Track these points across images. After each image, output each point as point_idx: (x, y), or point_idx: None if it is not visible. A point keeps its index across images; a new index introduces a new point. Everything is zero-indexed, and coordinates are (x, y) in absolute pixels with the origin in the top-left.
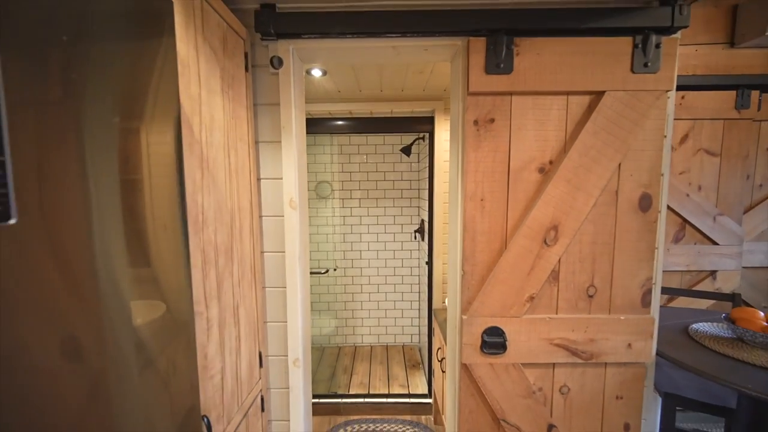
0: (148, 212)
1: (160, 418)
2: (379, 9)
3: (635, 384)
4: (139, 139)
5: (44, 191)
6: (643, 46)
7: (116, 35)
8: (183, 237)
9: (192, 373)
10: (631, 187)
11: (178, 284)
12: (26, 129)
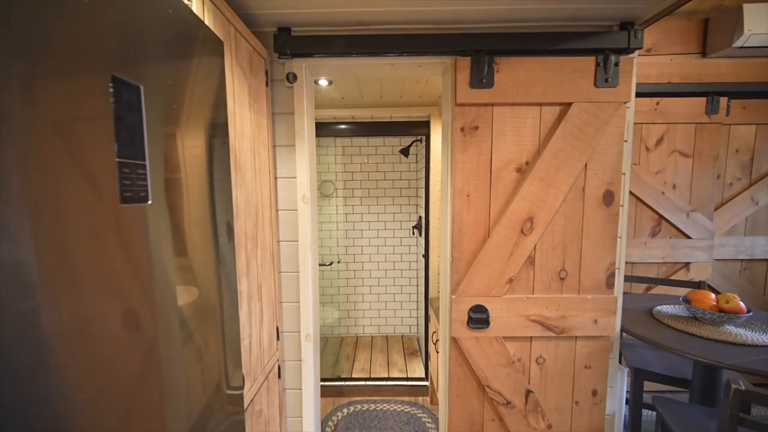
0: (185, 208)
1: (196, 385)
2: (379, 33)
3: (601, 355)
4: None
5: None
6: (604, 64)
7: (176, 63)
8: (212, 232)
9: (223, 349)
10: (595, 184)
11: (208, 273)
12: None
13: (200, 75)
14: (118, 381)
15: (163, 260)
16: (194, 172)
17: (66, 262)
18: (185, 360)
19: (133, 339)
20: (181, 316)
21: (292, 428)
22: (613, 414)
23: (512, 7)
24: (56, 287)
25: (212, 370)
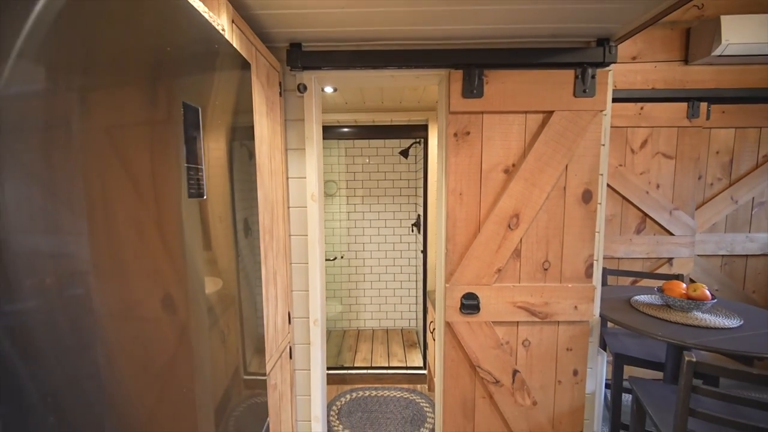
0: (210, 205)
1: (220, 365)
2: (381, 48)
3: (581, 338)
4: (200, 147)
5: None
6: (582, 76)
7: (220, 86)
8: (233, 228)
9: (242, 336)
10: (575, 184)
11: (229, 267)
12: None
13: (234, 93)
14: (157, 356)
15: (194, 253)
16: (219, 173)
17: (144, 247)
18: (212, 343)
19: (168, 319)
20: (208, 303)
21: (302, 406)
22: (593, 393)
23: (498, 26)
24: (144, 266)
25: (233, 355)
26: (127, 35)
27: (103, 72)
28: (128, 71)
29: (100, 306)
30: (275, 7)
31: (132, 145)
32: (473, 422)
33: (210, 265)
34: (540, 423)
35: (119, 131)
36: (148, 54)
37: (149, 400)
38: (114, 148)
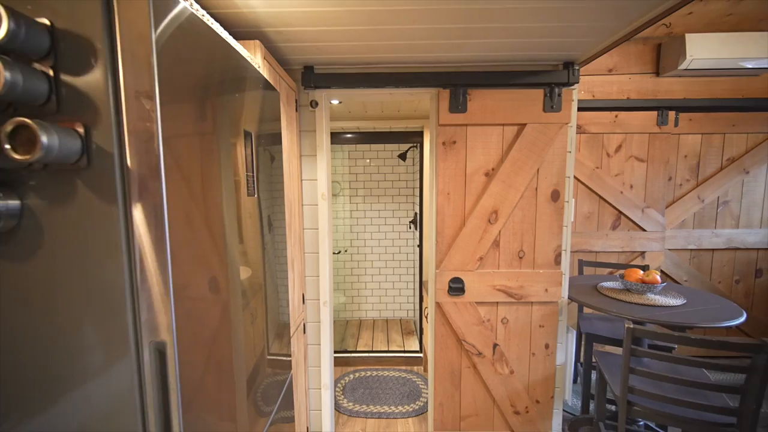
0: (242, 203)
1: (252, 340)
2: (381, 71)
3: (552, 317)
4: (238, 152)
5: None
6: (550, 94)
7: (261, 113)
8: (260, 223)
9: (266, 319)
10: (545, 185)
11: (256, 258)
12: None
13: (266, 111)
14: (204, 330)
15: (233, 245)
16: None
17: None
18: (245, 321)
19: (213, 299)
20: (242, 287)
21: (313, 375)
22: (563, 364)
23: (480, 53)
24: (230, 249)
25: (258, 337)
26: (221, 89)
27: (207, 111)
28: (224, 114)
29: (196, 283)
30: (294, 41)
31: (219, 157)
32: (459, 389)
33: (242, 256)
34: (517, 389)
35: (210, 148)
36: (229, 96)
37: (198, 367)
38: (214, 158)
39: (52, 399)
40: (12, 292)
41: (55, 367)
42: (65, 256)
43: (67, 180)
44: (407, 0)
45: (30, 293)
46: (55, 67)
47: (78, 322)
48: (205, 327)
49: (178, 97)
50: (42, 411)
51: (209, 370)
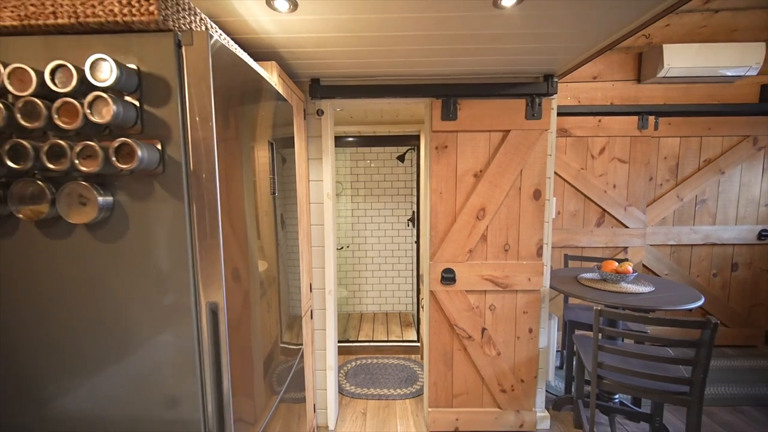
0: (259, 202)
1: (267, 326)
2: (380, 84)
3: (534, 304)
4: (264, 158)
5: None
6: (531, 104)
7: (277, 124)
8: (274, 220)
9: (279, 309)
10: (528, 185)
11: (271, 253)
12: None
13: (280, 121)
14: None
15: (253, 239)
16: (265, 177)
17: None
18: (261, 309)
19: (235, 287)
20: (260, 278)
21: (319, 358)
22: (546, 347)
23: (469, 68)
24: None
25: (272, 327)
26: (251, 107)
27: (246, 127)
28: (251, 127)
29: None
30: (303, 59)
31: (251, 163)
32: (452, 369)
33: (260, 251)
34: (503, 370)
35: (251, 156)
36: (257, 112)
37: (245, 325)
38: (248, 163)
39: (137, 345)
40: (105, 265)
41: (137, 321)
42: (145, 239)
43: (148, 182)
44: (405, 27)
45: (118, 267)
46: (140, 99)
47: (155, 287)
48: (244, 296)
49: (225, 116)
50: (129, 355)
51: (251, 330)
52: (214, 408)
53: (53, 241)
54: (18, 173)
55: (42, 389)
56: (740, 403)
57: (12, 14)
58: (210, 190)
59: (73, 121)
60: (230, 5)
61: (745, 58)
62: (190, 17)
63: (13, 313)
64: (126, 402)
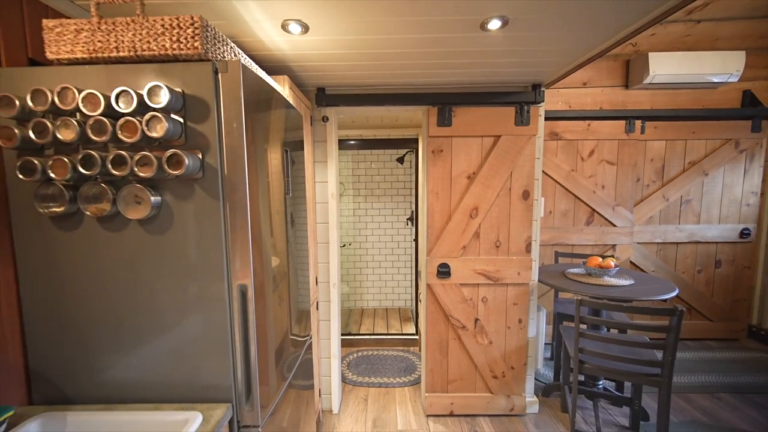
0: (273, 202)
1: (279, 317)
2: (380, 92)
3: (524, 296)
4: (263, 155)
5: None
6: (520, 111)
7: (288, 130)
8: (285, 219)
9: (288, 304)
10: (517, 186)
11: (282, 249)
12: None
13: (293, 130)
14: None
15: (267, 236)
16: (277, 178)
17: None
18: (273, 301)
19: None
20: (273, 273)
21: (324, 346)
22: (534, 337)
23: (463, 78)
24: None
25: (283, 319)
26: (269, 117)
27: (265, 135)
28: (269, 135)
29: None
30: (310, 71)
31: (271, 167)
32: (447, 357)
33: (272, 247)
34: (495, 357)
35: (277, 160)
36: (273, 121)
37: (271, 301)
38: (271, 168)
39: (180, 321)
40: (153, 253)
41: (180, 301)
42: (186, 232)
43: (190, 185)
44: (403, 45)
45: (165, 254)
46: (185, 117)
47: (195, 272)
48: (260, 287)
49: (251, 129)
50: (173, 329)
51: (267, 318)
52: (243, 374)
53: (111, 233)
54: (84, 177)
55: (99, 358)
56: (718, 391)
57: (83, 49)
58: (241, 191)
59: (133, 136)
60: (249, 29)
61: (727, 65)
62: (224, 47)
63: (77, 295)
64: (169, 370)
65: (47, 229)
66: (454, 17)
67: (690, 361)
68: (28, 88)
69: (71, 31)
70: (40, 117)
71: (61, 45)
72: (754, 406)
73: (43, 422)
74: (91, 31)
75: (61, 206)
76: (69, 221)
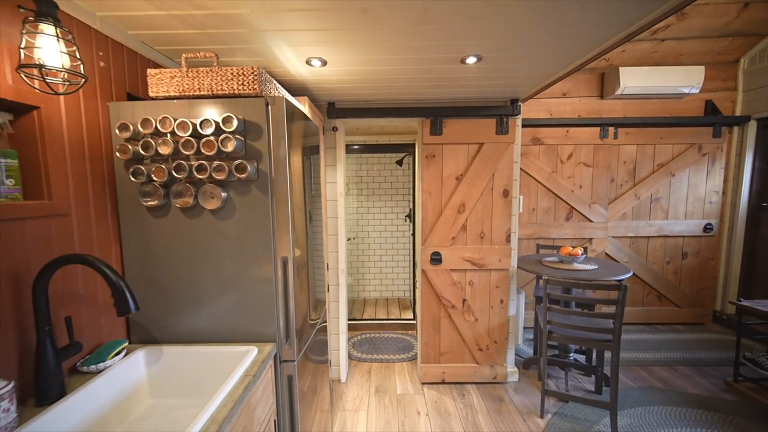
0: (297, 200)
1: (300, 301)
2: (382, 106)
3: (504, 280)
4: (292, 163)
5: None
6: (500, 122)
7: (308, 140)
8: (305, 216)
9: (308, 289)
10: (499, 185)
11: (302, 242)
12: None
13: (312, 138)
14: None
15: (299, 229)
16: (299, 179)
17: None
18: (296, 286)
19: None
20: (297, 262)
21: (333, 324)
22: (514, 315)
23: (452, 96)
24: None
25: (302, 305)
26: (298, 131)
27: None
28: (297, 144)
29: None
30: (324, 90)
31: (302, 170)
32: (439, 333)
33: (294, 242)
34: (480, 332)
35: (299, 170)
36: (300, 132)
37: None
38: (302, 171)
39: (240, 283)
40: (221, 234)
41: (240, 268)
42: (246, 219)
43: (248, 185)
44: (400, 73)
45: (229, 235)
46: (245, 136)
47: (251, 247)
48: (294, 264)
49: (289, 142)
50: (235, 288)
51: (297, 290)
52: (284, 323)
53: (191, 220)
54: (174, 179)
55: (180, 313)
56: (677, 364)
57: (175, 89)
58: (283, 190)
59: (211, 150)
60: (281, 64)
61: (689, 78)
62: (270, 86)
63: (164, 265)
64: (231, 319)
65: (144, 218)
66: (439, 56)
67: (657, 341)
68: (132, 115)
69: (167, 77)
70: (146, 137)
71: (160, 86)
72: (706, 376)
73: (146, 352)
74: (181, 77)
75: (156, 200)
76: (161, 211)
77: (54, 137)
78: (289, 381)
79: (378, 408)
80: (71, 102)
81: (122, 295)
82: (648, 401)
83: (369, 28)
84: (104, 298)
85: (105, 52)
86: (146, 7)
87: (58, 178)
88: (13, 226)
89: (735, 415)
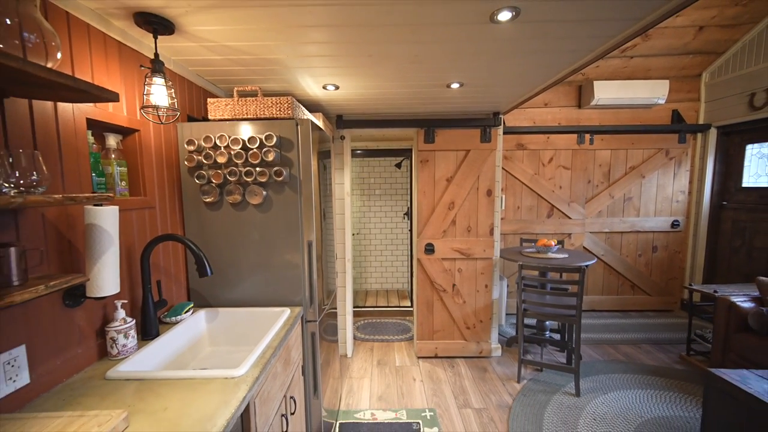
0: (314, 198)
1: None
2: (383, 118)
3: (488, 268)
4: (312, 168)
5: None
6: (484, 132)
7: (323, 148)
8: (320, 214)
9: (322, 275)
10: (483, 186)
11: (318, 237)
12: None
13: (325, 144)
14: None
15: (320, 221)
16: (316, 180)
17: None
18: (315, 270)
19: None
20: (317, 253)
21: (340, 306)
22: (497, 298)
23: (443, 110)
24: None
25: (322, 278)
26: (316, 141)
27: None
28: (316, 151)
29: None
30: (335, 105)
31: (319, 174)
32: (432, 313)
33: (310, 238)
34: (467, 313)
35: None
36: (317, 142)
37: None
38: (319, 175)
39: (277, 261)
40: (260, 225)
41: (276, 250)
42: (280, 212)
43: (282, 185)
44: (397, 94)
45: (268, 224)
46: (280, 149)
47: (285, 232)
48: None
49: (312, 151)
50: (272, 265)
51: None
52: (308, 294)
53: (238, 212)
54: (226, 182)
55: (229, 283)
56: (641, 343)
57: (228, 113)
58: (309, 189)
59: (256, 160)
60: (302, 88)
61: (655, 91)
62: (298, 110)
63: (217, 247)
64: (268, 289)
65: (202, 211)
66: (428, 83)
67: (628, 324)
68: (192, 133)
69: (222, 104)
70: (207, 150)
71: (216, 111)
72: (665, 351)
73: (206, 312)
74: (233, 105)
75: (212, 197)
76: (215, 206)
77: (147, 151)
78: (312, 337)
79: (380, 376)
80: (156, 125)
81: (202, 263)
82: (610, 370)
83: (373, 66)
84: (175, 272)
85: (174, 85)
86: (209, 53)
87: (150, 181)
88: (128, 215)
89: (681, 380)
